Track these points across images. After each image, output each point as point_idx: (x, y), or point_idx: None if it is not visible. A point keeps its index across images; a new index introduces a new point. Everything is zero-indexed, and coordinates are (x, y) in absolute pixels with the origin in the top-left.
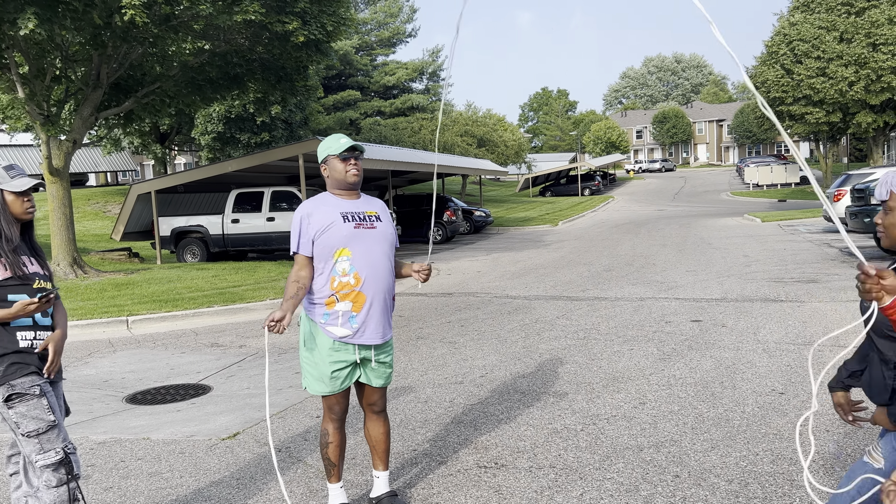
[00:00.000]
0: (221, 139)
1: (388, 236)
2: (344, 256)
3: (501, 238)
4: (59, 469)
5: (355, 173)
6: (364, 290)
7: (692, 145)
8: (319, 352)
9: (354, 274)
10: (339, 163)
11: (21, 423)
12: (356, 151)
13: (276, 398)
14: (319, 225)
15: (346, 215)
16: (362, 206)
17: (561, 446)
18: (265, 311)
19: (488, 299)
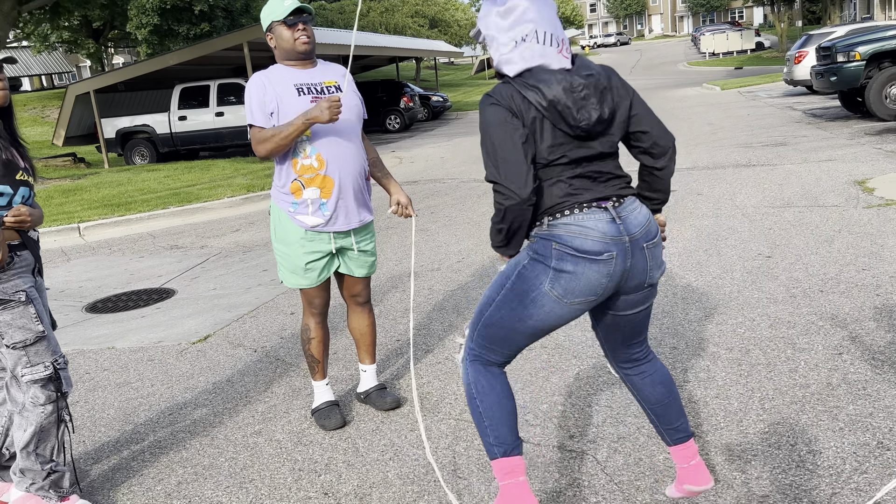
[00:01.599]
0: (159, 32)
1: (351, 108)
2: (303, 136)
3: (461, 123)
4: (47, 385)
5: (305, 40)
6: (330, 174)
7: (646, 17)
8: (292, 243)
9: (317, 155)
10: (286, 29)
11: (5, 332)
12: (304, 14)
13: (245, 297)
14: (272, 100)
15: (300, 87)
16: (319, 75)
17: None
18: (223, 211)
19: (455, 185)
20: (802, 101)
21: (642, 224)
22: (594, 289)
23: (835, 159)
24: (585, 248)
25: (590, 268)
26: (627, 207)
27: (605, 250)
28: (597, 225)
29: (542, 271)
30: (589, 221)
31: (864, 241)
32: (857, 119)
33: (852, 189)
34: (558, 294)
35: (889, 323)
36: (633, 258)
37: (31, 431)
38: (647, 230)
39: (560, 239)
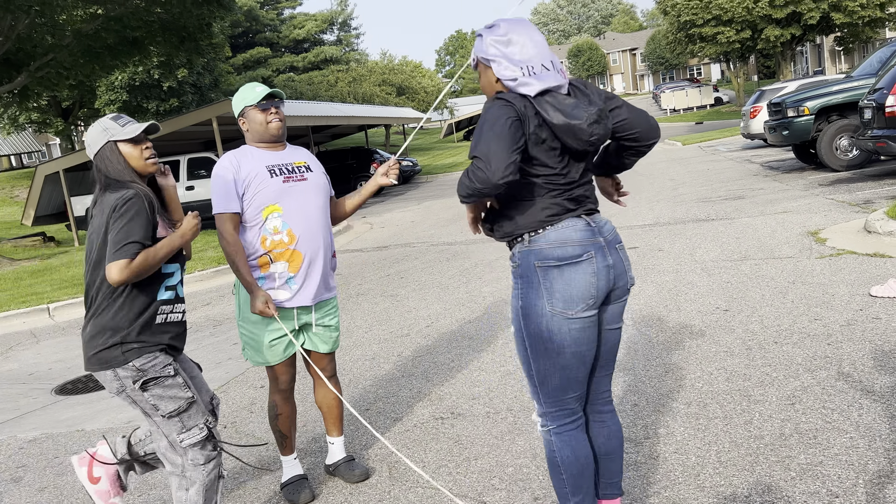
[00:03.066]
0: (128, 109)
1: (321, 187)
2: (274, 213)
3: (431, 186)
4: (205, 445)
5: (278, 123)
6: (300, 248)
7: (608, 76)
8: (256, 320)
9: (288, 231)
10: (259, 113)
11: (159, 405)
12: (276, 99)
13: (215, 372)
14: (244, 181)
15: (272, 169)
16: (289, 156)
17: (516, 388)
18: (194, 284)
19: (425, 248)
20: (760, 154)
21: (612, 230)
22: (588, 290)
23: (790, 211)
24: (566, 255)
25: (575, 271)
26: (597, 218)
27: (584, 251)
28: (574, 232)
29: (535, 295)
30: (568, 231)
31: (817, 292)
32: (812, 170)
33: (806, 240)
34: (561, 308)
35: (839, 371)
36: (612, 257)
37: (196, 490)
38: (616, 236)
39: (541, 255)
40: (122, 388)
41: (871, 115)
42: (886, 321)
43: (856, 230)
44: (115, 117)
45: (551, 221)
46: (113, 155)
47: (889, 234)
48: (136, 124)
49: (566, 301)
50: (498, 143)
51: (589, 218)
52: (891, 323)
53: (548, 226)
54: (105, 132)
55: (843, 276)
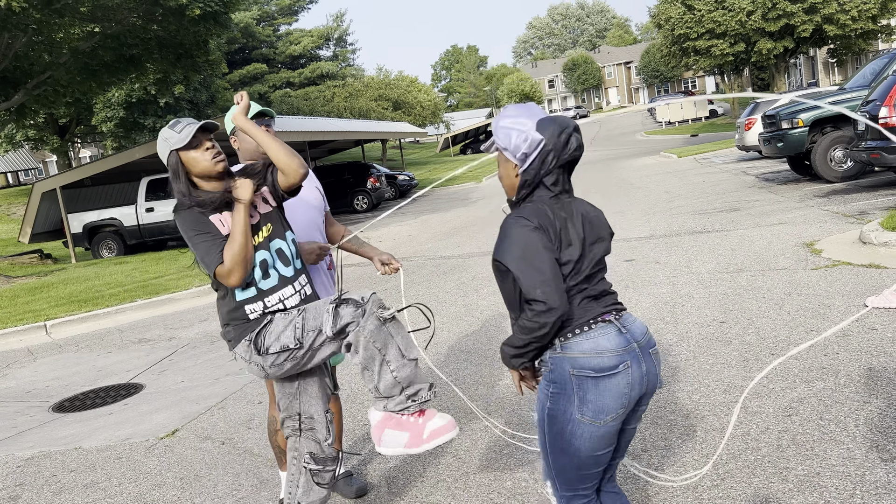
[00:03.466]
0: (125, 125)
1: (314, 204)
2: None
3: (428, 200)
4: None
5: None
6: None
7: (603, 90)
8: None
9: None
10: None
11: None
12: (265, 117)
13: (213, 388)
14: None
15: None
16: None
17: (513, 402)
18: (191, 300)
19: (422, 262)
20: (755, 166)
21: (644, 332)
22: (621, 401)
23: (785, 222)
24: (602, 366)
25: (611, 383)
26: (627, 318)
27: (620, 362)
28: (609, 341)
29: (567, 402)
30: (601, 339)
31: (812, 303)
32: (807, 181)
33: (801, 251)
34: (590, 418)
35: (836, 382)
36: (646, 363)
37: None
38: (649, 338)
39: (576, 363)
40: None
41: (864, 127)
42: (882, 332)
43: (851, 241)
44: (173, 124)
45: (580, 323)
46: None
47: (884, 245)
48: (191, 126)
49: (596, 412)
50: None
51: (619, 322)
52: (886, 333)
53: (578, 330)
54: (165, 143)
55: (839, 287)
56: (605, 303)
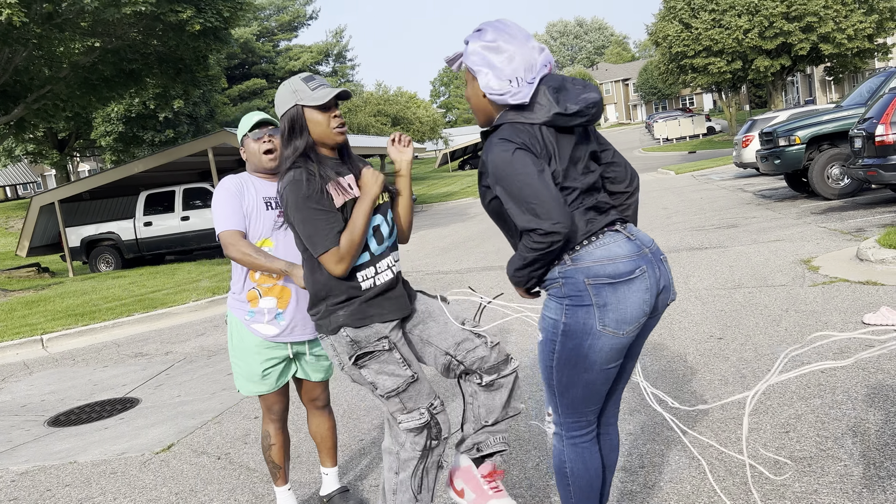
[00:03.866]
0: (124, 140)
1: None
2: (265, 247)
3: (426, 215)
4: (420, 433)
5: (271, 154)
6: (288, 284)
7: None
8: (248, 350)
9: None
10: (254, 143)
11: (377, 382)
12: (269, 126)
13: (209, 403)
14: (246, 209)
15: (268, 201)
16: None
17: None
18: (188, 315)
19: (420, 277)
20: (752, 183)
21: (651, 240)
22: (641, 307)
23: (783, 239)
24: (619, 272)
25: (630, 289)
26: (631, 227)
27: (636, 266)
28: (620, 247)
29: (586, 314)
30: (613, 246)
31: (810, 320)
32: (804, 198)
33: (799, 268)
34: (613, 328)
35: (833, 399)
36: (659, 268)
37: (407, 476)
38: (657, 247)
39: (590, 272)
40: (340, 364)
41: (861, 145)
42: (879, 349)
43: (848, 258)
44: (308, 78)
45: (588, 236)
46: (300, 124)
47: (881, 262)
48: (327, 88)
49: (618, 321)
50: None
51: (626, 231)
52: (883, 351)
53: (585, 241)
54: (294, 94)
55: (836, 304)
56: (609, 213)
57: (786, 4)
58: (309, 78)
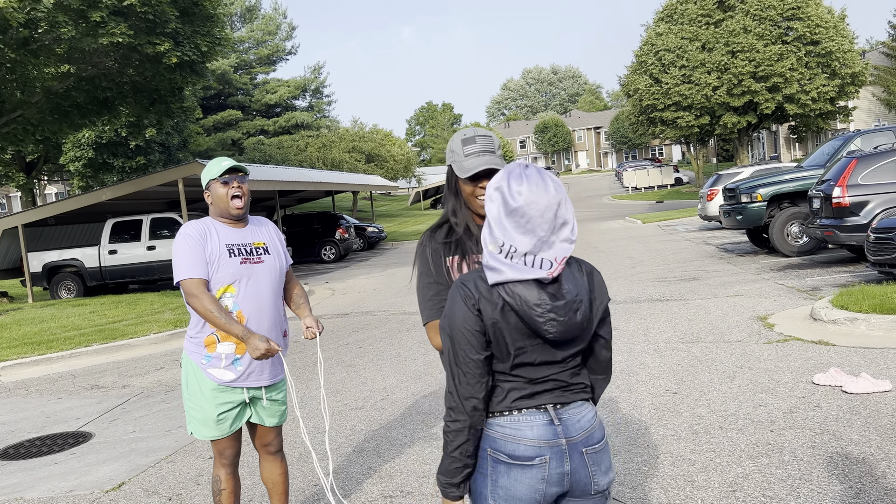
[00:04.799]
0: (93, 165)
1: (276, 270)
2: (228, 294)
3: (396, 252)
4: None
5: (239, 202)
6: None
7: (573, 153)
8: (203, 394)
9: (237, 313)
10: (221, 187)
11: None
12: (239, 173)
13: (163, 441)
14: (209, 255)
15: (231, 248)
16: (249, 236)
17: None
18: (148, 347)
19: (385, 317)
20: (716, 236)
21: (585, 429)
22: (533, 496)
23: (741, 294)
24: (517, 455)
25: (523, 474)
26: (571, 410)
27: (536, 455)
28: (531, 430)
29: (482, 481)
30: (523, 425)
31: (762, 377)
32: (765, 254)
33: (755, 325)
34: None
35: (780, 459)
36: (572, 462)
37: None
38: (590, 435)
39: (494, 444)
40: None
41: (819, 205)
42: (826, 410)
43: (803, 317)
44: (468, 140)
45: (509, 407)
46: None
47: (833, 323)
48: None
49: (507, 499)
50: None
51: (556, 412)
52: (830, 412)
53: (505, 412)
54: (452, 154)
55: (789, 363)
56: (554, 392)
57: (753, 64)
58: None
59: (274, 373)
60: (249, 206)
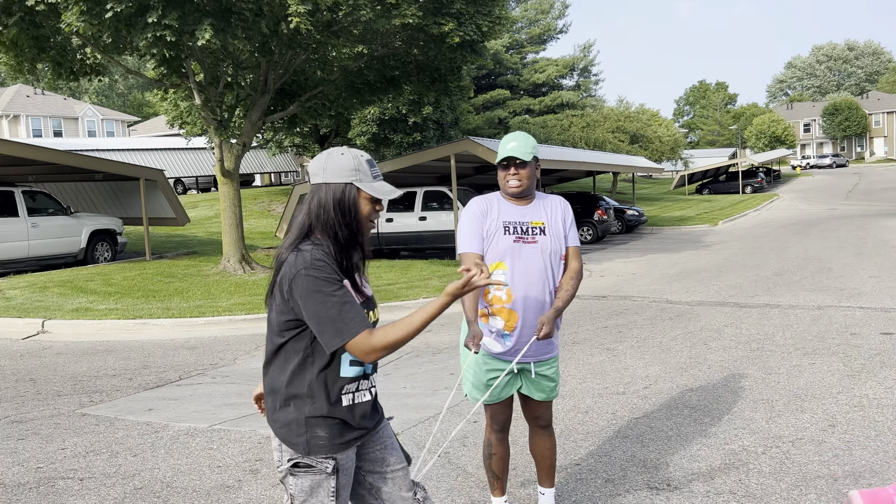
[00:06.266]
0: (375, 140)
1: (548, 251)
2: (500, 270)
3: (656, 238)
4: None
5: (514, 182)
6: (515, 308)
7: (867, 139)
8: (475, 359)
9: (507, 290)
10: (501, 170)
11: (297, 497)
12: (516, 160)
13: (431, 399)
14: (487, 231)
15: (507, 226)
16: (529, 214)
17: (741, 470)
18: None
19: (646, 304)
20: None
21: None
22: None
23: None
24: None
25: None
26: None
27: None
28: None
29: None
30: None
31: None
32: None
33: None
34: None
35: None
36: None
37: None
38: None
39: None
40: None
41: None
42: None
43: None
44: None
45: None
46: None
47: None
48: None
49: None
50: None
51: None
52: None
53: None
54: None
55: None
56: None
57: None
58: (372, 163)
59: (541, 351)
60: (534, 184)
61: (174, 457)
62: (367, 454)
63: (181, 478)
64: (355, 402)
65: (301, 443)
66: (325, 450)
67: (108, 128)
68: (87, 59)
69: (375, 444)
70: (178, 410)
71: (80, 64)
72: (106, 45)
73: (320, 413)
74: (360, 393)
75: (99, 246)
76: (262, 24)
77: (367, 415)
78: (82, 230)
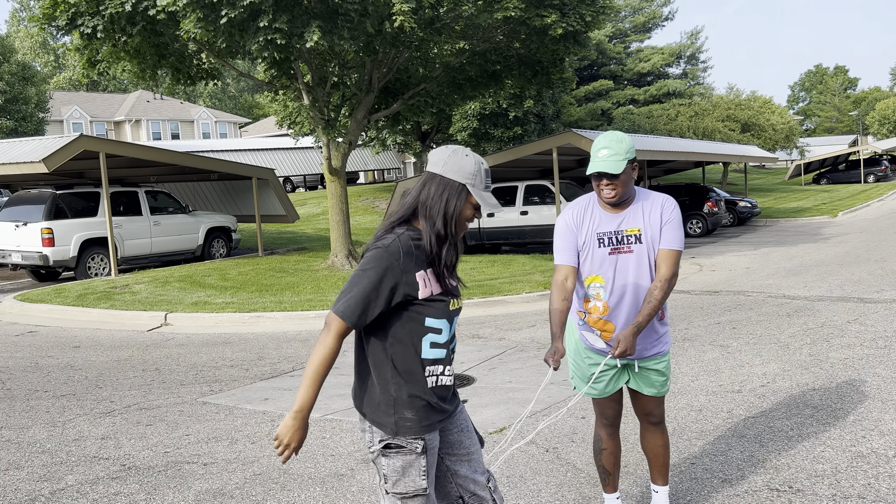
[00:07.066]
0: (476, 135)
1: (645, 260)
2: (596, 283)
3: (770, 231)
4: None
5: (609, 193)
6: (612, 320)
7: None
8: (578, 352)
9: (604, 303)
10: (594, 179)
11: (390, 477)
12: (605, 174)
13: (536, 393)
14: (581, 242)
15: (602, 237)
16: (625, 222)
17: (870, 474)
18: (521, 305)
19: (761, 299)
20: None
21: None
22: None
23: None
24: None
25: None
26: None
27: None
28: None
29: None
30: None
31: None
32: None
33: None
34: None
35: None
36: None
37: None
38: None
39: None
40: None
41: None
42: None
43: None
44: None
45: None
46: None
47: None
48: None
49: None
50: None
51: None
52: None
53: None
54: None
55: None
56: None
57: None
58: (488, 172)
59: (644, 349)
60: (631, 186)
61: None
62: (445, 437)
63: (296, 465)
64: (438, 384)
65: (389, 423)
66: (413, 431)
67: (221, 129)
68: (202, 64)
69: (453, 427)
70: (292, 400)
71: (196, 69)
72: (220, 50)
73: (407, 394)
74: (443, 377)
75: (215, 242)
76: (367, 24)
77: (447, 398)
78: (200, 228)
